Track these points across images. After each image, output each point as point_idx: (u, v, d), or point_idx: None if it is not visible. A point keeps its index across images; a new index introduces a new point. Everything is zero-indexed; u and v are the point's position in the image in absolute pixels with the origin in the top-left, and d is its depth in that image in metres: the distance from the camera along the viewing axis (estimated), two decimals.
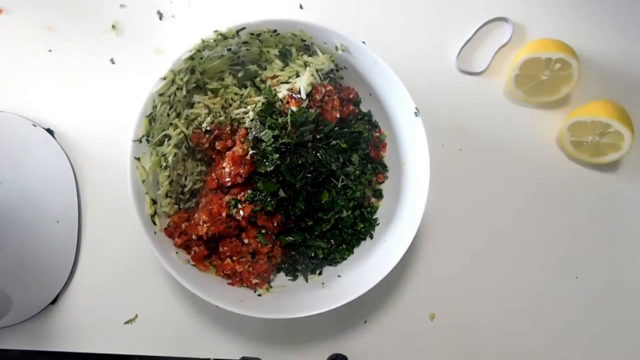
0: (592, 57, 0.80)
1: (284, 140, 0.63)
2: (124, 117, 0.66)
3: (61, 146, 0.74)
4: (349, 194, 0.69)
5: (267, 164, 0.63)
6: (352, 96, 0.73)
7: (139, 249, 0.73)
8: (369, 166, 0.73)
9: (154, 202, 0.65)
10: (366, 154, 0.72)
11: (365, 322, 0.74)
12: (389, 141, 0.74)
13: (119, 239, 0.73)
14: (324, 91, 0.66)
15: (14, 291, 0.69)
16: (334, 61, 0.69)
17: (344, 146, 0.69)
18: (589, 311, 0.77)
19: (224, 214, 0.64)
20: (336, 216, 0.69)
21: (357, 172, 0.69)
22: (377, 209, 0.73)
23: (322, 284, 0.69)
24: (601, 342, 0.76)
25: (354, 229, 0.71)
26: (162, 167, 0.66)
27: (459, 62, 0.80)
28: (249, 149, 0.63)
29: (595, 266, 0.77)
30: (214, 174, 0.66)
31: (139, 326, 0.73)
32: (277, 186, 0.64)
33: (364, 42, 0.65)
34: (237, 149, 0.64)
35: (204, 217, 0.64)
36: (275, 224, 0.65)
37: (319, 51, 0.68)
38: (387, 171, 0.74)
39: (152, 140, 0.64)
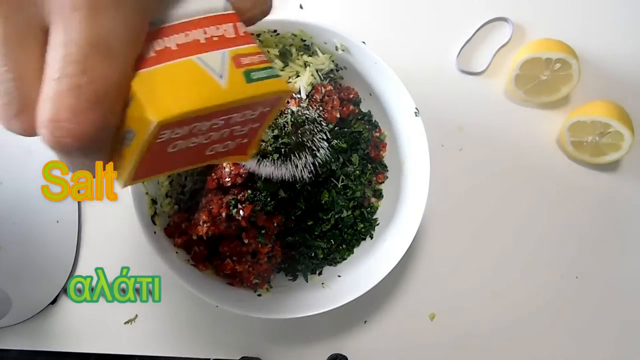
0: (592, 57, 0.80)
1: (284, 140, 0.63)
2: None
3: None
4: (349, 194, 0.69)
5: (267, 164, 0.63)
6: (352, 96, 0.72)
7: (139, 249, 0.73)
8: (369, 166, 0.72)
9: (154, 202, 0.65)
10: (366, 154, 0.72)
11: (365, 322, 0.74)
12: (389, 141, 0.74)
13: (119, 239, 0.73)
14: (324, 91, 0.66)
15: (14, 291, 0.69)
16: (333, 61, 0.69)
17: (344, 146, 0.68)
18: (589, 311, 0.77)
19: (224, 214, 0.64)
20: (336, 216, 0.69)
21: (357, 172, 0.69)
22: (377, 209, 0.73)
23: (322, 284, 0.69)
24: (601, 342, 0.76)
25: (354, 229, 0.71)
26: None
27: (459, 62, 0.80)
28: None
29: (595, 266, 0.77)
30: (214, 174, 0.66)
31: (139, 326, 0.73)
32: (277, 186, 0.64)
33: (364, 42, 0.65)
34: None
35: (204, 217, 0.64)
36: (275, 224, 0.65)
37: (319, 51, 0.68)
38: (387, 171, 0.74)
39: None
